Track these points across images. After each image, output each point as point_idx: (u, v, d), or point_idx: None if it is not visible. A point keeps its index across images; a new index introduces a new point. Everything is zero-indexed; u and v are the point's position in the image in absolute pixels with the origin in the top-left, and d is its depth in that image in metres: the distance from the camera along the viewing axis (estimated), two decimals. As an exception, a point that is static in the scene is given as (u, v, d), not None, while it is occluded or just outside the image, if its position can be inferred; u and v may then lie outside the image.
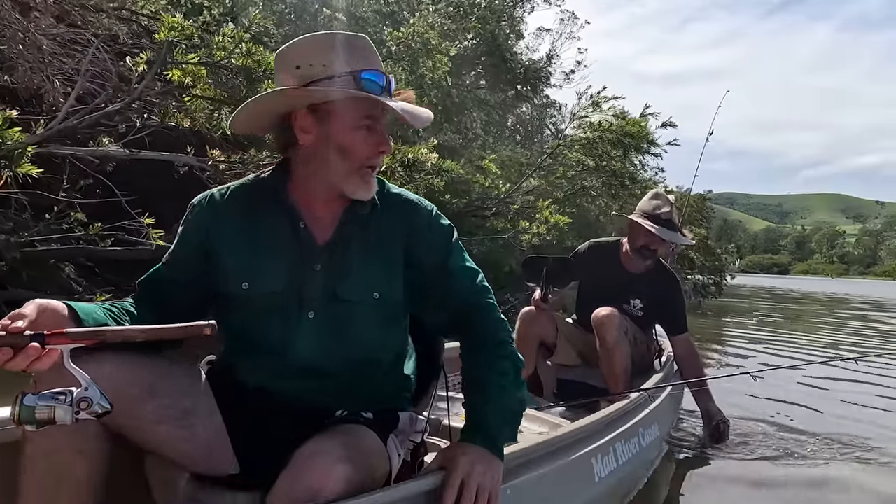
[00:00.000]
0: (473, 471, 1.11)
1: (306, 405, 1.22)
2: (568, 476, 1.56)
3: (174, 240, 1.29)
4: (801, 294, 25.54)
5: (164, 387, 1.10)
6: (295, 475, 1.01)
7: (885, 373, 5.20)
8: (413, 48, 9.21)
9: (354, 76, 1.12)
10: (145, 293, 1.24)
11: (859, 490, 2.47)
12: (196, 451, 1.14)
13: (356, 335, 1.23)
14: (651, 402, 2.44)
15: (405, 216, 1.26)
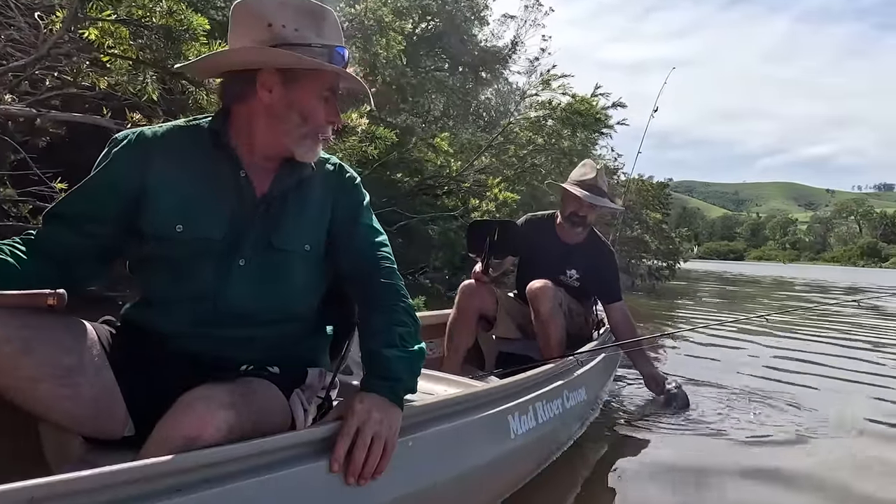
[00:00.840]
0: (370, 418, 1.09)
1: (213, 358, 1.19)
2: (481, 431, 1.51)
3: (89, 174, 1.20)
4: (750, 278, 26.54)
5: (42, 343, 1.02)
6: (172, 421, 0.97)
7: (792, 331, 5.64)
8: (366, 25, 9.02)
9: (330, 50, 1.19)
10: (48, 230, 1.16)
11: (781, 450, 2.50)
12: (81, 411, 1.07)
13: (285, 284, 1.25)
14: (580, 367, 2.41)
15: (334, 178, 1.33)
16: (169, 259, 1.20)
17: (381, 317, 1.23)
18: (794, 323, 6.31)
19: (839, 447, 2.55)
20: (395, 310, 1.25)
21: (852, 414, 2.99)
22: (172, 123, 1.27)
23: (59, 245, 1.14)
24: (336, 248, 1.31)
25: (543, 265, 2.90)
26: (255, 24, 1.17)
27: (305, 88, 1.20)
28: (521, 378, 1.87)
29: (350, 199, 1.33)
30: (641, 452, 2.41)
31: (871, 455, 2.49)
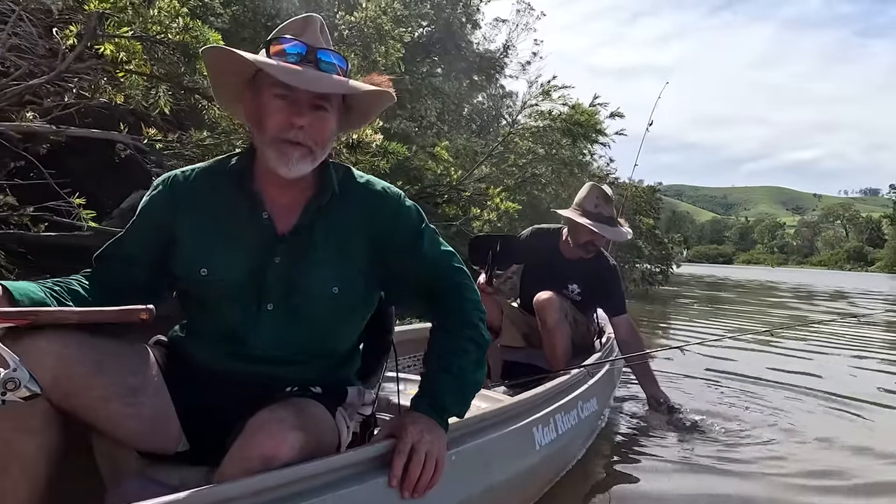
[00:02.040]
0: (422, 439, 1.14)
1: (257, 384, 1.22)
2: (511, 443, 1.61)
3: (133, 216, 1.27)
4: (741, 283, 26.74)
5: (112, 364, 1.09)
6: (248, 443, 1.01)
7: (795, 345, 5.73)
8: (366, 33, 9.10)
9: (281, 49, 1.14)
10: (101, 268, 1.23)
11: (781, 461, 2.60)
12: (143, 428, 1.13)
13: (314, 328, 1.24)
14: (590, 377, 2.51)
15: (370, 208, 1.25)
16: (199, 299, 1.24)
17: (444, 342, 1.25)
18: (799, 335, 6.38)
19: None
20: (461, 336, 1.24)
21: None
22: (201, 165, 1.30)
23: (112, 283, 1.21)
24: (404, 287, 1.30)
25: (546, 279, 2.98)
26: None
27: (260, 92, 1.15)
28: (541, 391, 1.97)
29: (398, 231, 1.27)
30: (644, 464, 2.50)
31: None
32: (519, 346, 3.07)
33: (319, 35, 1.21)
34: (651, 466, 2.45)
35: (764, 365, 4.85)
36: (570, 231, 3.02)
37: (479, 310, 1.30)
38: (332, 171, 1.25)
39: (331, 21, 10.36)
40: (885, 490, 2.30)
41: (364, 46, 9.13)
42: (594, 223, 2.88)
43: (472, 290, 1.31)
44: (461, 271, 1.31)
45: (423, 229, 1.30)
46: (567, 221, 3.01)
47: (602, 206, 2.95)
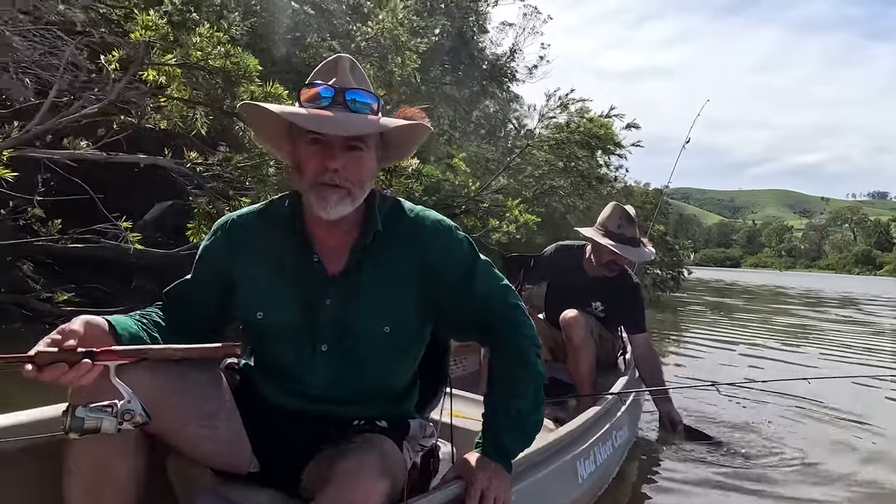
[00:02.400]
0: (490, 485, 1.21)
1: (321, 420, 1.27)
2: (559, 479, 1.70)
3: (196, 260, 1.33)
4: (751, 289, 26.54)
5: (192, 391, 1.17)
6: (341, 490, 1.06)
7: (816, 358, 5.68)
8: (382, 44, 9.20)
9: (313, 94, 1.16)
10: (170, 306, 1.29)
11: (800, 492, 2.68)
12: (218, 450, 1.21)
13: (369, 368, 1.26)
14: (622, 404, 2.60)
15: (419, 243, 1.25)
16: (258, 339, 1.30)
17: (503, 384, 1.27)
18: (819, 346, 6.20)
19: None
20: (517, 378, 1.26)
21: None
22: (256, 208, 1.33)
23: (179, 323, 1.27)
24: (457, 321, 1.31)
25: (570, 295, 3.06)
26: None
27: (298, 139, 1.18)
28: (581, 423, 2.06)
29: (449, 266, 1.25)
30: (665, 484, 2.59)
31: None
32: (544, 359, 3.17)
33: (349, 75, 1.20)
34: (671, 487, 2.54)
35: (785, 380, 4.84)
36: (593, 250, 3.10)
37: (535, 345, 1.30)
38: (376, 209, 1.25)
39: (346, 32, 10.48)
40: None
41: (381, 58, 9.26)
42: (616, 244, 2.95)
43: (529, 326, 1.31)
44: (516, 307, 1.30)
45: (476, 264, 1.28)
46: (590, 241, 3.09)
47: (625, 227, 3.02)
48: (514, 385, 1.27)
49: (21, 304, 4.77)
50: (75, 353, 0.95)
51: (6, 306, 4.74)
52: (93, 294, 5.64)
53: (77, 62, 3.57)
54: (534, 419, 1.29)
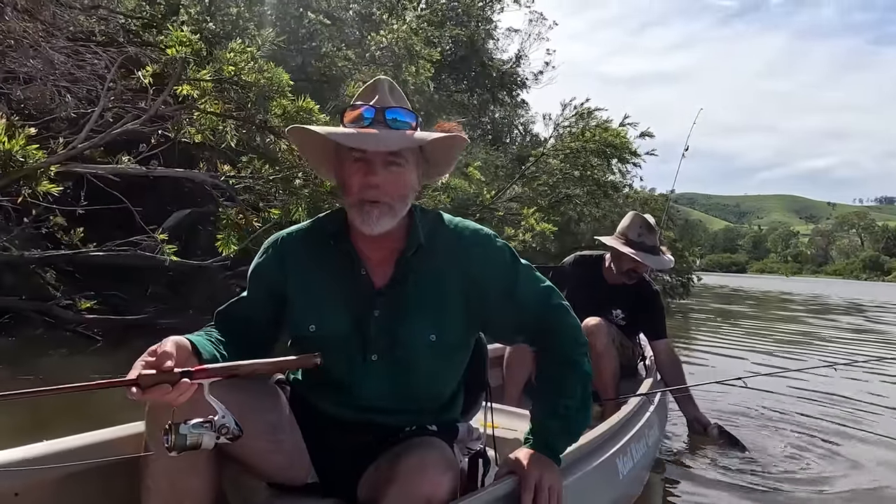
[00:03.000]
0: (543, 476, 1.26)
1: (372, 430, 1.32)
2: (602, 475, 1.76)
3: (248, 279, 1.37)
4: (758, 295, 26.39)
5: (258, 405, 1.23)
6: (408, 486, 1.12)
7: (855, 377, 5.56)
8: (397, 53, 9.34)
9: (356, 115, 1.23)
10: (223, 326, 1.31)
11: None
12: (285, 462, 1.27)
13: (417, 377, 1.31)
14: (651, 404, 2.67)
15: (461, 253, 1.30)
16: (310, 352, 1.30)
17: (551, 384, 1.33)
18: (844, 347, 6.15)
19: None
20: (566, 377, 1.32)
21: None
22: (304, 226, 1.38)
23: (233, 337, 1.29)
24: (503, 327, 1.37)
25: (591, 304, 3.07)
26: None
27: (343, 158, 1.24)
28: (616, 422, 2.13)
29: (490, 273, 1.30)
30: (699, 490, 2.64)
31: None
32: None
33: (388, 96, 1.26)
34: (705, 492, 2.60)
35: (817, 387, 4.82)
36: (613, 258, 3.17)
37: (581, 344, 1.35)
38: (417, 222, 1.30)
39: (358, 40, 10.64)
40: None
41: (395, 66, 9.40)
42: (637, 252, 3.02)
43: (574, 328, 1.35)
44: (561, 308, 1.35)
45: (517, 269, 1.33)
46: (610, 249, 3.16)
47: (645, 236, 3.10)
48: (563, 385, 1.32)
49: (43, 311, 4.88)
50: (174, 374, 1.00)
51: (27, 313, 4.85)
52: (111, 301, 5.77)
53: (115, 78, 3.70)
54: (581, 417, 1.34)
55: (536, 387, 1.37)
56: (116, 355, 4.33)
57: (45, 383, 1.07)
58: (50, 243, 4.95)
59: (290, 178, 3.80)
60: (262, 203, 3.94)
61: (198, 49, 3.66)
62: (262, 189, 3.85)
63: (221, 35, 4.33)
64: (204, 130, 3.63)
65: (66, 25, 4.05)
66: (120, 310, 5.49)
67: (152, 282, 6.16)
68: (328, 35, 9.94)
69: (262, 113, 3.64)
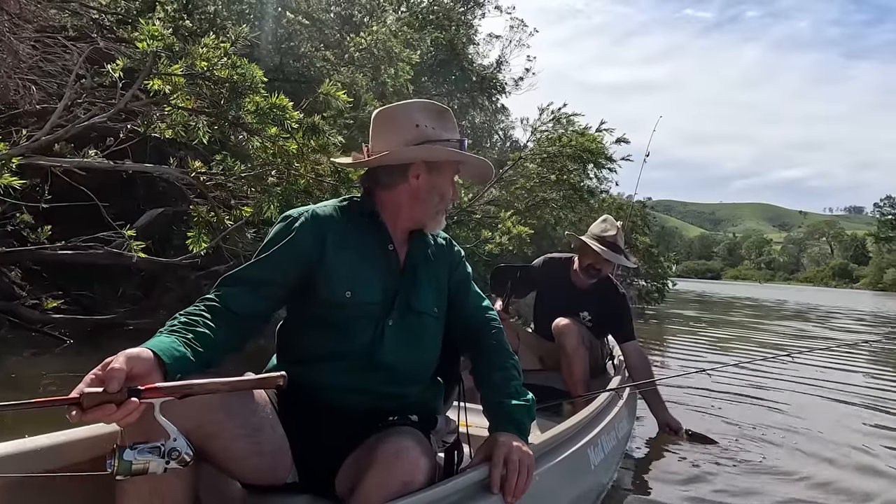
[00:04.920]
0: (512, 449, 1.34)
1: (364, 411, 1.37)
2: (574, 465, 1.79)
3: (266, 245, 1.41)
4: (732, 301, 26.92)
5: (237, 406, 1.20)
6: (388, 470, 1.15)
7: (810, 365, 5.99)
8: (376, 55, 9.33)
9: (461, 143, 1.49)
10: (227, 293, 1.31)
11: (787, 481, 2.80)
12: (264, 464, 1.25)
13: (422, 341, 1.48)
14: (620, 399, 2.71)
15: (448, 252, 1.58)
16: (334, 320, 1.39)
17: (498, 373, 1.48)
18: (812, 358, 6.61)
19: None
20: (508, 366, 1.50)
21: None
22: (332, 204, 1.50)
23: (241, 306, 1.30)
24: (453, 311, 1.55)
25: (559, 306, 3.17)
26: (404, 126, 1.46)
27: (444, 174, 1.48)
28: (587, 414, 2.16)
29: (461, 271, 1.59)
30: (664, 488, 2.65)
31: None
32: (535, 368, 3.26)
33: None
34: (674, 484, 2.63)
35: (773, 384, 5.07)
36: (579, 254, 3.23)
37: (512, 353, 1.57)
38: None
39: (338, 42, 10.61)
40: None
41: (374, 68, 9.38)
42: (599, 247, 3.08)
43: (504, 335, 1.59)
44: (497, 320, 1.61)
45: (471, 276, 1.64)
46: (577, 243, 3.22)
47: (609, 233, 3.16)
48: (509, 373, 1.49)
49: (7, 310, 4.73)
50: (120, 393, 0.95)
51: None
52: (80, 301, 5.62)
53: (84, 71, 3.62)
54: (531, 398, 1.48)
55: (483, 380, 1.50)
56: (84, 356, 4.23)
57: (5, 386, 1.01)
58: (16, 241, 4.81)
59: (263, 176, 3.76)
60: (234, 201, 3.88)
61: (170, 44, 3.60)
62: (234, 186, 3.79)
63: (199, 33, 4.29)
64: (175, 126, 3.56)
65: (34, 18, 3.96)
66: (89, 310, 5.35)
67: (123, 282, 6.03)
68: (308, 36, 9.90)
69: (235, 109, 3.59)
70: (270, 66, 9.56)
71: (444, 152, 1.46)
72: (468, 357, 1.58)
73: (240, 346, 1.32)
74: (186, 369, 1.10)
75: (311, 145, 3.75)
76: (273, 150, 3.81)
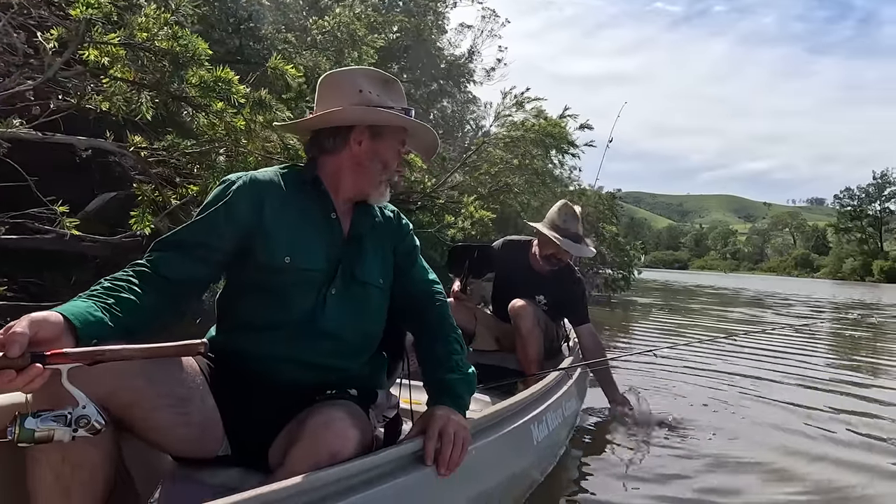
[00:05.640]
0: (448, 422, 1.31)
1: (302, 383, 1.34)
2: (516, 440, 1.77)
3: (202, 208, 1.36)
4: (693, 287, 27.60)
5: (162, 375, 1.16)
6: (316, 440, 1.12)
7: (753, 346, 6.16)
8: (339, 38, 9.13)
9: (405, 110, 1.44)
10: (160, 258, 1.26)
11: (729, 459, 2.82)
12: (192, 434, 1.21)
13: (365, 312, 1.45)
14: (569, 378, 2.69)
15: (396, 224, 1.56)
16: (274, 287, 1.35)
17: (440, 347, 1.45)
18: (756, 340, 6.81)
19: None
20: (450, 340, 1.47)
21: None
22: (274, 169, 1.47)
23: (173, 271, 1.25)
24: (398, 283, 1.52)
25: (516, 289, 3.16)
26: (347, 91, 1.42)
27: (388, 142, 1.44)
28: (533, 391, 2.12)
29: (407, 242, 1.56)
30: (615, 461, 2.67)
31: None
32: (491, 349, 3.25)
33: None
34: (618, 470, 2.60)
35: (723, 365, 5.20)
36: (539, 243, 3.21)
37: (456, 326, 1.54)
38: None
39: (301, 24, 10.35)
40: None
41: (337, 52, 9.18)
42: (559, 238, 3.06)
43: (449, 310, 1.57)
44: (443, 294, 1.59)
45: (418, 249, 1.60)
46: (538, 235, 3.19)
47: (570, 223, 3.14)
48: (451, 346, 1.46)
49: (-56, 297, 4.46)
50: (23, 358, 0.90)
51: (-72, 301, 4.44)
52: (28, 289, 5.36)
53: (13, 42, 3.40)
54: (472, 372, 1.45)
55: (425, 353, 1.47)
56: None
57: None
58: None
59: (209, 153, 3.59)
60: (179, 179, 3.72)
61: (107, 12, 3.40)
62: (179, 163, 3.62)
63: (140, 4, 4.06)
64: (112, 97, 3.37)
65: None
66: (37, 297, 5.11)
67: (77, 269, 5.79)
68: (272, 19, 9.64)
69: (178, 82, 3.41)
70: (231, 47, 9.30)
71: (384, 115, 1.41)
72: (411, 330, 1.57)
73: (171, 313, 1.26)
74: (103, 335, 1.05)
75: (260, 121, 3.60)
76: (221, 127, 3.65)
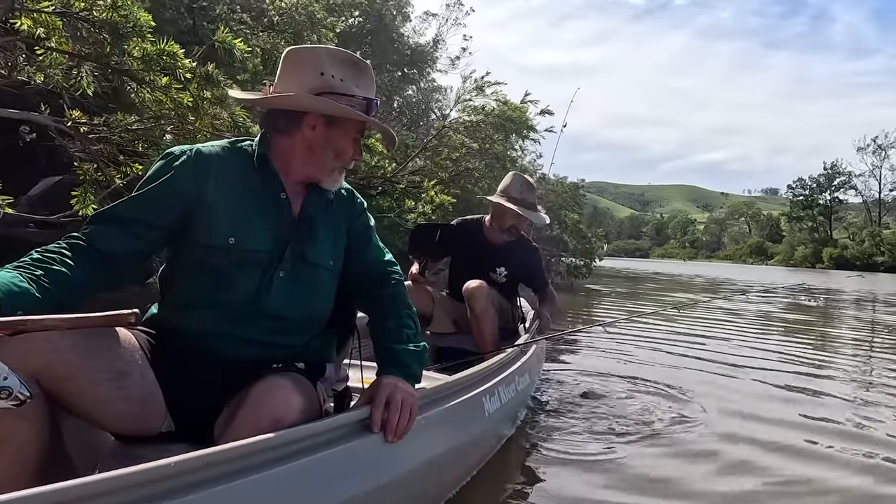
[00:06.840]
0: (397, 389, 1.31)
1: (246, 358, 1.31)
2: (467, 411, 1.77)
3: (143, 182, 1.31)
4: (651, 275, 28.34)
5: (98, 350, 1.12)
6: (258, 406, 1.12)
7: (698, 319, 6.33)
8: (297, 20, 8.92)
9: (369, 101, 1.39)
10: (96, 232, 1.23)
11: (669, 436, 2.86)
12: (131, 410, 1.17)
13: (314, 294, 1.42)
14: (523, 355, 2.70)
15: (348, 203, 1.51)
16: (216, 267, 1.30)
17: (392, 321, 1.44)
18: (699, 315, 7.06)
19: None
20: (402, 315, 1.45)
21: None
22: (221, 144, 1.40)
23: (109, 245, 1.22)
24: (351, 263, 1.50)
25: (474, 265, 3.18)
26: (308, 72, 1.35)
27: (342, 131, 1.38)
28: (485, 366, 2.11)
29: (361, 221, 1.53)
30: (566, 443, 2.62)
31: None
32: (449, 331, 3.25)
33: (373, 84, 1.45)
34: (571, 442, 2.57)
35: (670, 340, 5.36)
36: (496, 216, 3.21)
37: (411, 304, 1.53)
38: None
39: (260, 6, 10.07)
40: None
41: (295, 34, 8.96)
42: (521, 208, 3.10)
43: (405, 288, 1.56)
44: (399, 272, 1.57)
45: (373, 229, 1.59)
46: (495, 207, 3.20)
47: (525, 193, 3.18)
48: (402, 321, 1.44)
49: None
50: None
51: None
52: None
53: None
54: (423, 345, 1.44)
55: (377, 327, 1.46)
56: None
57: None
58: None
59: (153, 130, 3.44)
60: (122, 157, 3.55)
61: (40, -21, 3.20)
62: (121, 140, 3.46)
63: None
64: (47, 70, 3.18)
65: None
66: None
67: (20, 256, 5.53)
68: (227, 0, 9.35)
69: (119, 54, 3.25)
70: (183, 28, 8.99)
71: (339, 109, 1.34)
72: (365, 310, 1.53)
73: (105, 287, 1.22)
74: (29, 306, 1.02)
75: (208, 97, 3.46)
76: (167, 102, 3.50)
